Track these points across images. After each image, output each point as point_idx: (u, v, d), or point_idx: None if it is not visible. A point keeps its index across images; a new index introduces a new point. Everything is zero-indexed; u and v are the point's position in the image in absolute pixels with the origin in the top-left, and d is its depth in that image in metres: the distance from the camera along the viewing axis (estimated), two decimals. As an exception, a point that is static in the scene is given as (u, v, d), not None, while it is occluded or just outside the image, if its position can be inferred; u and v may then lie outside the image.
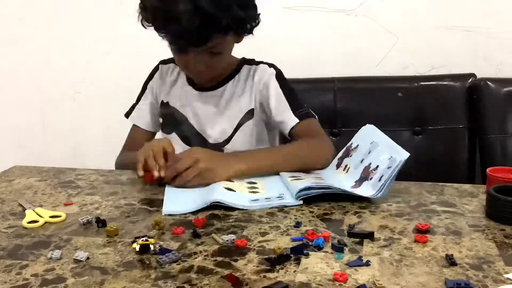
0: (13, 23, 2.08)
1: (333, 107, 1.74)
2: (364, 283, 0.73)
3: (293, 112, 1.33)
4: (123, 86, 2.06)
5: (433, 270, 0.78)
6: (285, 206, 1.03)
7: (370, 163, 1.11)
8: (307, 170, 1.22)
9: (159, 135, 1.47)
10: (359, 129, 1.24)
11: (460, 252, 0.83)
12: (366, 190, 1.06)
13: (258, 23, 1.31)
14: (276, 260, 0.80)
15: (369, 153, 1.14)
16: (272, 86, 1.36)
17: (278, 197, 1.06)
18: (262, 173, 1.19)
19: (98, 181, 1.24)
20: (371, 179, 1.08)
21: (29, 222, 0.98)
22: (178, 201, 1.06)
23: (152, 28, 1.22)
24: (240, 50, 1.39)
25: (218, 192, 1.05)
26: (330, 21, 1.86)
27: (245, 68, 1.41)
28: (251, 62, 1.43)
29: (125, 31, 2.01)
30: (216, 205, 1.01)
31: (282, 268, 0.79)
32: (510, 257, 0.82)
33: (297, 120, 1.32)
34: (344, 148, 1.24)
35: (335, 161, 1.24)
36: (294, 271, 0.78)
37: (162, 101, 1.44)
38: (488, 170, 1.08)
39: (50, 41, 2.07)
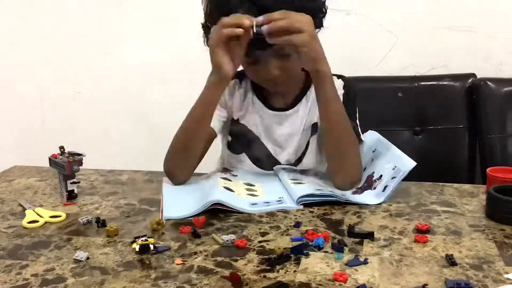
0: (13, 23, 2.08)
1: (333, 107, 1.73)
2: (364, 283, 0.73)
3: None
4: (123, 86, 2.07)
5: (433, 270, 0.78)
6: (297, 210, 1.02)
7: (373, 172, 1.11)
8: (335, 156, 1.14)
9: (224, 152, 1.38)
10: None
11: (460, 252, 0.83)
12: (368, 198, 1.06)
13: (326, 13, 1.23)
14: (276, 260, 0.80)
15: (371, 161, 1.14)
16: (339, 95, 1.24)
17: (278, 201, 1.06)
18: (319, 98, 1.12)
19: (98, 181, 1.24)
20: (374, 188, 1.08)
21: (29, 222, 0.98)
22: (178, 205, 1.04)
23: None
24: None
25: (218, 192, 1.05)
26: (330, 21, 1.86)
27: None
28: None
29: (125, 31, 2.02)
30: (216, 206, 1.01)
31: (282, 268, 0.79)
32: (510, 257, 0.82)
33: None
34: None
35: None
36: (294, 271, 0.78)
37: (233, 117, 1.31)
38: (488, 170, 1.08)
39: (50, 41, 2.07)
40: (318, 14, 1.18)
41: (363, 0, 1.83)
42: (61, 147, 1.14)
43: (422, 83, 1.73)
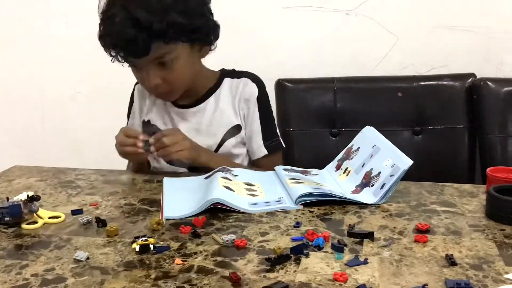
0: (13, 23, 2.07)
1: (333, 107, 1.73)
2: (364, 283, 0.73)
3: (264, 142, 1.36)
4: (123, 86, 2.06)
5: (433, 270, 0.78)
6: (297, 210, 1.02)
7: (371, 169, 1.11)
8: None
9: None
10: (359, 129, 1.24)
11: (460, 252, 0.83)
12: (367, 197, 1.06)
13: (216, 33, 1.29)
14: (276, 260, 0.80)
15: (370, 157, 1.14)
16: (252, 106, 1.35)
17: (278, 201, 1.06)
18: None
19: (98, 181, 1.24)
20: (372, 185, 1.08)
21: (28, 224, 0.98)
22: (178, 205, 1.04)
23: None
24: (239, 50, 1.39)
25: (218, 191, 1.04)
26: (330, 21, 1.86)
27: (227, 81, 1.38)
28: (232, 74, 1.40)
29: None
30: (216, 206, 1.01)
31: (282, 268, 0.79)
32: (510, 257, 0.82)
33: (265, 152, 1.36)
34: (344, 150, 1.24)
35: (334, 162, 1.24)
36: (294, 271, 0.78)
37: (144, 119, 1.41)
38: (488, 170, 1.08)
39: (50, 41, 2.07)
40: (199, 30, 1.23)
41: (363, 0, 1.83)
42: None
43: (422, 83, 1.73)
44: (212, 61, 1.65)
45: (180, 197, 1.08)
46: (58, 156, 2.09)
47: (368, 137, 1.19)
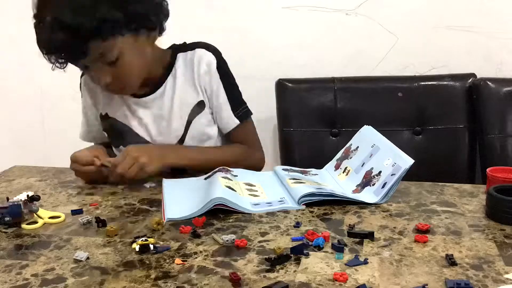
0: (13, 23, 2.07)
1: (333, 107, 1.73)
2: (364, 283, 0.73)
3: (234, 112, 1.31)
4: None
5: (433, 270, 0.78)
6: (297, 210, 1.02)
7: (372, 168, 1.11)
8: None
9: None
10: (359, 129, 1.24)
11: (460, 252, 0.83)
12: (368, 196, 1.06)
13: (163, 13, 1.20)
14: (276, 260, 0.80)
15: (370, 156, 1.14)
16: (214, 77, 1.28)
17: (280, 201, 1.06)
18: (189, 168, 1.26)
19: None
20: (373, 185, 1.08)
21: (28, 224, 0.98)
22: (179, 205, 1.04)
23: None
24: (239, 50, 1.39)
25: (220, 191, 1.04)
26: (330, 21, 1.86)
27: (181, 56, 1.30)
28: (185, 48, 1.31)
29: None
30: (217, 207, 1.01)
31: (282, 268, 0.79)
32: (510, 257, 0.82)
33: (237, 122, 1.32)
34: (343, 149, 1.24)
35: (333, 162, 1.24)
36: (294, 271, 0.78)
37: (101, 113, 1.34)
38: (488, 170, 1.08)
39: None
40: (140, 18, 1.15)
41: (363, 0, 1.83)
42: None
43: (422, 83, 1.73)
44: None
45: (181, 198, 1.08)
46: (58, 156, 2.08)
47: (367, 137, 1.19)
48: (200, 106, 1.30)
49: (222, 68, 1.30)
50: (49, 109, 2.16)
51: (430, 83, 1.74)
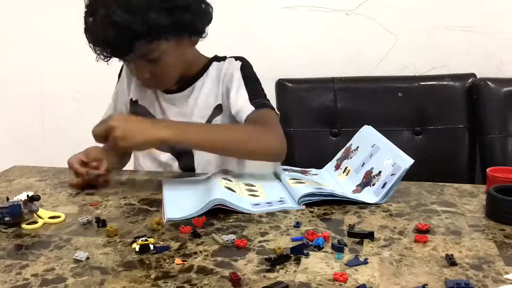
0: (13, 23, 2.07)
1: (333, 107, 1.73)
2: (364, 283, 0.73)
3: (250, 101, 1.25)
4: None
5: (433, 270, 0.78)
6: (297, 210, 1.02)
7: (372, 168, 1.11)
8: (252, 158, 1.20)
9: None
10: (359, 129, 1.24)
11: (460, 252, 0.83)
12: (368, 196, 1.06)
13: (206, 20, 1.24)
14: (276, 260, 0.80)
15: (370, 156, 1.14)
16: (236, 76, 1.30)
17: (280, 201, 1.06)
18: (192, 147, 1.17)
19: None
20: (373, 185, 1.08)
21: (28, 224, 0.98)
22: (179, 205, 1.04)
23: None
24: (239, 50, 1.39)
25: (219, 192, 1.04)
26: (330, 21, 1.86)
27: (214, 65, 1.35)
28: (221, 58, 1.37)
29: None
30: (217, 207, 1.00)
31: (282, 268, 0.79)
32: (510, 257, 0.82)
33: (252, 108, 1.24)
34: (343, 149, 1.24)
35: (333, 162, 1.24)
36: (294, 271, 0.78)
37: (131, 99, 1.40)
38: (488, 170, 1.08)
39: (50, 41, 2.07)
40: (184, 25, 1.18)
41: (363, 0, 1.83)
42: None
43: (422, 83, 1.73)
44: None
45: (181, 198, 1.08)
46: (58, 156, 2.08)
47: (367, 137, 1.19)
48: (218, 109, 1.33)
49: (246, 68, 1.33)
50: (49, 109, 2.16)
51: (430, 83, 1.74)
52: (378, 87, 1.76)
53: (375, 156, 1.13)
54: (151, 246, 0.85)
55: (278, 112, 1.29)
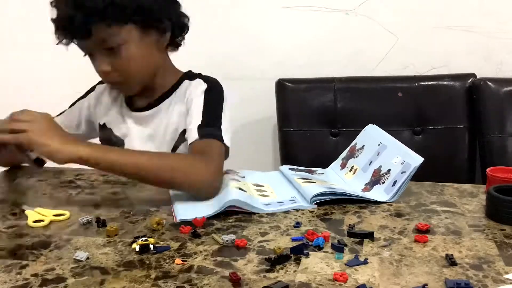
0: (13, 23, 2.07)
1: (333, 107, 1.73)
2: (364, 283, 0.73)
3: (198, 128, 1.15)
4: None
5: (433, 270, 0.78)
6: (299, 210, 1.02)
7: (380, 166, 1.11)
8: (172, 188, 1.09)
9: None
10: (359, 129, 1.24)
11: (460, 252, 0.83)
12: (379, 194, 1.06)
13: (179, 25, 1.20)
14: (276, 260, 0.80)
15: (377, 155, 1.13)
16: (197, 100, 1.21)
17: (291, 200, 1.06)
18: (110, 170, 1.03)
19: (98, 181, 1.24)
20: (383, 183, 1.08)
21: (35, 221, 0.98)
22: (189, 206, 1.02)
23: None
24: (239, 50, 1.39)
25: (234, 193, 1.02)
26: (330, 21, 1.86)
27: (185, 84, 1.27)
28: (193, 77, 1.28)
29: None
30: (229, 209, 1.00)
31: (282, 268, 0.79)
32: (510, 257, 0.82)
33: (196, 137, 1.14)
34: (348, 148, 1.24)
35: (338, 161, 1.24)
36: (294, 271, 0.78)
37: (99, 123, 1.34)
38: (488, 170, 1.08)
39: (50, 41, 2.06)
40: (135, 11, 1.12)
41: (363, 0, 1.83)
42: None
43: (422, 83, 1.73)
44: (212, 60, 1.66)
45: (190, 198, 1.06)
46: (58, 156, 2.09)
47: (372, 135, 1.19)
48: (184, 134, 1.24)
49: (211, 92, 1.23)
50: (49, 109, 2.15)
51: (430, 83, 1.73)
52: (378, 87, 1.76)
53: (383, 154, 1.12)
54: (151, 246, 0.85)
55: (226, 144, 1.15)
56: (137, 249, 0.85)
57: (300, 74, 1.81)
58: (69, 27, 1.10)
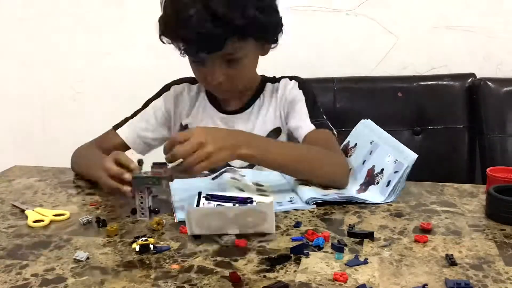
0: (13, 23, 2.07)
1: (333, 107, 1.73)
2: (364, 283, 0.73)
3: (311, 119, 1.22)
4: (123, 86, 2.07)
5: (433, 270, 0.78)
6: (298, 210, 1.02)
7: (373, 166, 1.11)
8: (318, 181, 1.10)
9: None
10: (359, 129, 1.24)
11: (460, 252, 0.83)
12: (374, 195, 1.06)
13: (281, 29, 1.23)
14: (276, 260, 0.80)
15: (370, 153, 1.13)
16: (297, 97, 1.27)
17: (290, 201, 1.06)
18: (267, 167, 1.09)
19: (98, 181, 1.24)
20: (377, 183, 1.07)
21: (35, 222, 0.98)
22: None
23: (170, 43, 1.17)
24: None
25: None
26: (330, 21, 1.86)
27: (269, 86, 1.33)
28: (273, 79, 1.35)
29: (125, 31, 2.02)
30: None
31: (282, 268, 0.79)
32: (510, 257, 0.82)
33: (312, 127, 1.21)
34: (341, 147, 1.23)
35: None
36: (294, 271, 0.78)
37: (181, 123, 1.34)
38: (488, 170, 1.08)
39: (50, 41, 2.07)
40: (271, 27, 1.19)
41: (363, 0, 1.83)
42: (140, 161, 1.00)
43: (422, 83, 1.73)
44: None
45: (191, 198, 1.05)
46: (58, 156, 2.09)
47: (364, 132, 1.18)
48: (276, 132, 1.29)
49: (304, 87, 1.30)
50: (49, 109, 2.16)
51: (430, 83, 1.74)
52: (378, 87, 1.76)
53: (375, 153, 1.11)
54: (151, 246, 0.85)
55: (335, 133, 1.24)
56: (137, 249, 0.85)
57: (299, 74, 1.80)
58: (203, 42, 1.10)
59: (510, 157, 1.64)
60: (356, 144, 1.18)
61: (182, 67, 1.67)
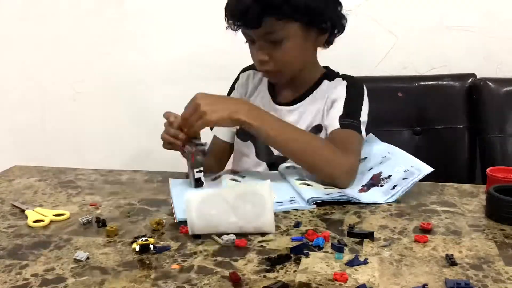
0: (13, 23, 2.07)
1: (333, 107, 1.73)
2: (364, 283, 0.73)
3: (340, 119, 1.22)
4: (123, 86, 2.07)
5: (433, 270, 0.78)
6: (298, 210, 1.02)
7: (381, 172, 1.12)
8: (313, 173, 1.14)
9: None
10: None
11: (460, 252, 0.83)
12: (376, 195, 1.06)
13: (339, 25, 1.26)
14: (276, 260, 0.80)
15: (380, 163, 1.15)
16: (339, 95, 1.27)
17: (290, 200, 1.06)
18: (263, 138, 1.13)
19: (98, 181, 1.24)
20: (381, 186, 1.08)
21: (35, 221, 0.98)
22: None
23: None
24: (239, 50, 1.39)
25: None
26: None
27: (325, 84, 1.32)
28: (333, 76, 1.34)
29: (125, 31, 2.02)
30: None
31: (282, 268, 0.79)
32: (510, 257, 0.82)
33: (337, 126, 1.21)
34: None
35: None
36: (294, 271, 0.78)
37: None
38: (488, 170, 1.08)
39: (50, 41, 2.07)
40: (321, 17, 1.21)
41: (363, 0, 1.83)
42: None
43: (422, 83, 1.73)
44: (212, 60, 1.64)
45: None
46: (58, 156, 2.09)
47: (378, 149, 1.22)
48: (317, 129, 1.29)
49: (351, 88, 1.30)
50: (49, 109, 2.16)
51: (430, 83, 1.73)
52: (378, 87, 1.76)
53: (386, 163, 1.15)
54: (151, 246, 0.85)
55: (364, 136, 1.23)
56: (137, 249, 0.85)
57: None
58: (242, 17, 1.17)
59: (510, 157, 1.64)
60: (366, 157, 1.20)
61: (182, 67, 1.69)
